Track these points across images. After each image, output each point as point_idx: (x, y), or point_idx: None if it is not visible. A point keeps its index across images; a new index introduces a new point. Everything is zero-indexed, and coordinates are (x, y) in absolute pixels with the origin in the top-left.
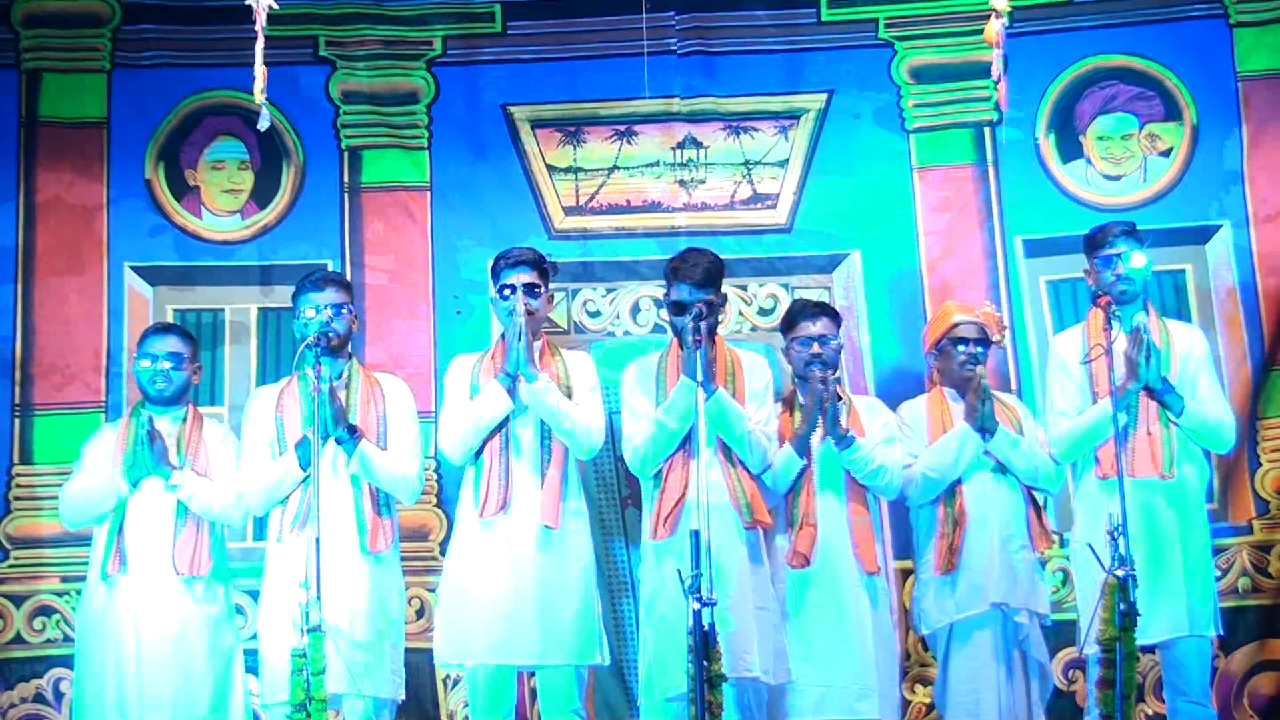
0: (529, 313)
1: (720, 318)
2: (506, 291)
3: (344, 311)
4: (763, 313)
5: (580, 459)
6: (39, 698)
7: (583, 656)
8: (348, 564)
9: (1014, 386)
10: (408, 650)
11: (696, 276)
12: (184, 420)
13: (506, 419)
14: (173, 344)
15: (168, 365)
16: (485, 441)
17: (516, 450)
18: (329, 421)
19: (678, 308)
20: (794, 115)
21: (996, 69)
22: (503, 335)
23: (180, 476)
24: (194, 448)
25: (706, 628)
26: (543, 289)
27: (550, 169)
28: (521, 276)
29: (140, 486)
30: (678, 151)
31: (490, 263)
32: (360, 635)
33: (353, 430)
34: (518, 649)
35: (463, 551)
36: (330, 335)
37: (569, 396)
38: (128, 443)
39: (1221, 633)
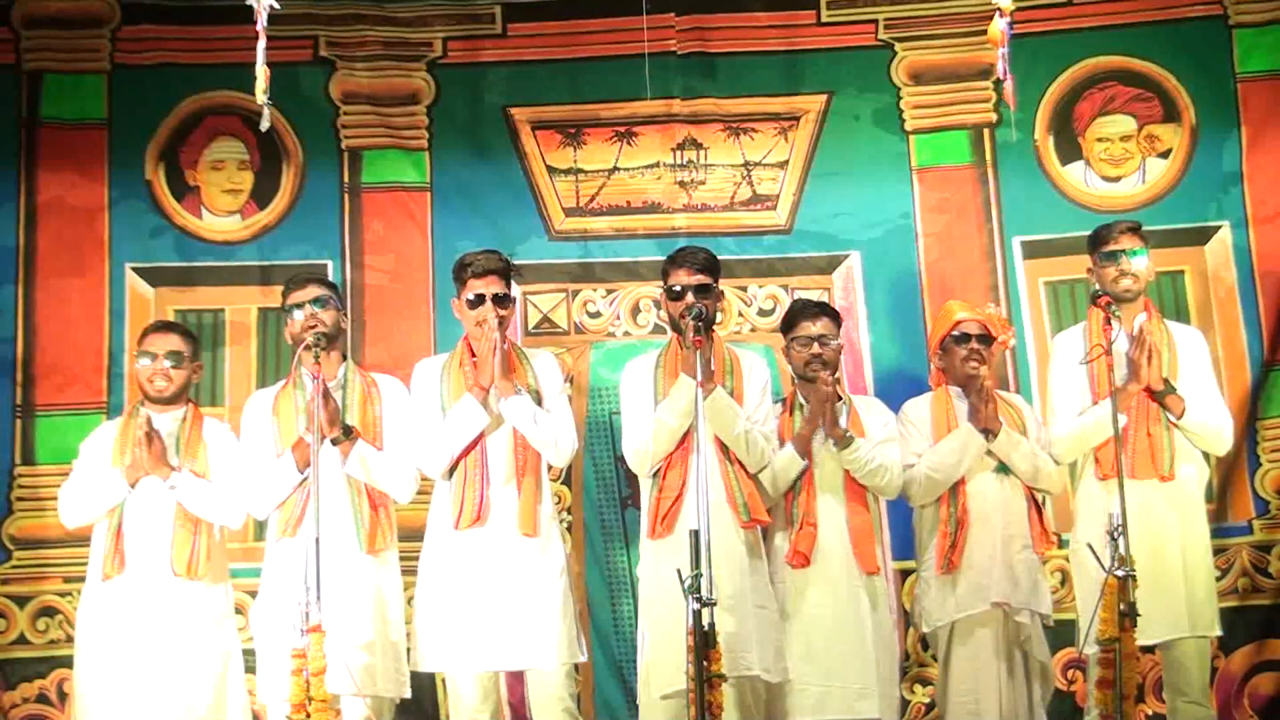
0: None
1: (718, 313)
2: (475, 301)
3: (329, 305)
4: (763, 314)
5: (557, 466)
6: (42, 698)
7: (569, 656)
8: (345, 564)
9: (1013, 387)
10: (406, 650)
11: (696, 261)
12: (184, 420)
13: (481, 431)
14: (173, 342)
15: (168, 364)
16: (461, 455)
17: (491, 462)
18: (323, 423)
19: (675, 293)
20: (794, 116)
21: (1001, 68)
22: (466, 340)
23: (179, 478)
24: (193, 448)
25: (706, 628)
26: (510, 296)
27: (550, 170)
28: (491, 286)
29: (139, 487)
30: (678, 153)
31: (454, 267)
32: (359, 635)
33: (348, 431)
34: (498, 654)
35: (438, 562)
36: (320, 329)
37: (539, 402)
38: (127, 443)
39: (1221, 633)
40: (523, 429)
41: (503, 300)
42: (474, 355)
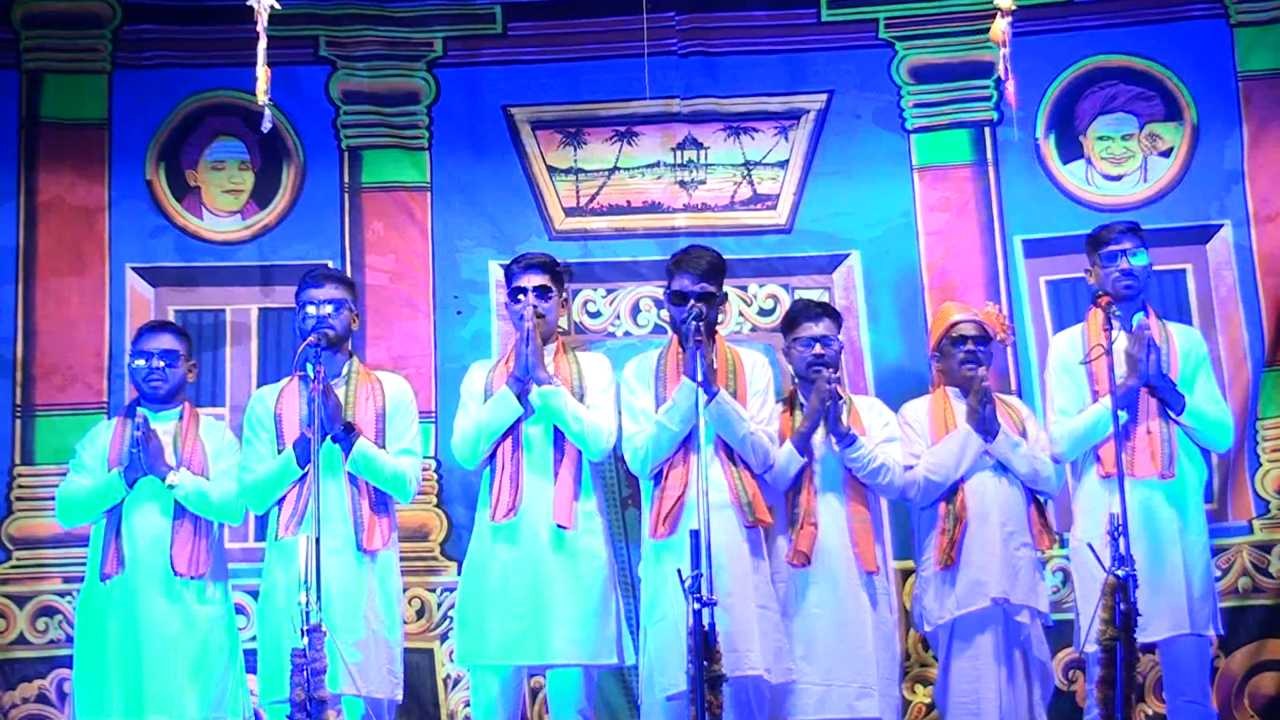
0: (539, 316)
1: (721, 316)
2: (519, 295)
3: (343, 309)
4: (763, 313)
5: (592, 460)
6: (42, 698)
7: (596, 656)
8: (342, 562)
9: (1014, 387)
10: (407, 650)
11: (700, 268)
12: (180, 419)
13: (518, 422)
14: (167, 342)
15: (162, 364)
16: (497, 445)
17: (528, 453)
18: (325, 419)
19: (679, 298)
20: (794, 116)
21: (1002, 68)
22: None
23: (177, 476)
24: (190, 446)
25: (706, 628)
26: (554, 292)
27: (551, 170)
28: (533, 279)
29: (137, 487)
30: (678, 152)
31: (504, 267)
32: (353, 633)
33: (349, 428)
34: (531, 649)
35: (479, 554)
36: (328, 331)
37: (582, 398)
38: (123, 443)
39: (1221, 632)
40: (552, 418)
41: (544, 293)
42: None
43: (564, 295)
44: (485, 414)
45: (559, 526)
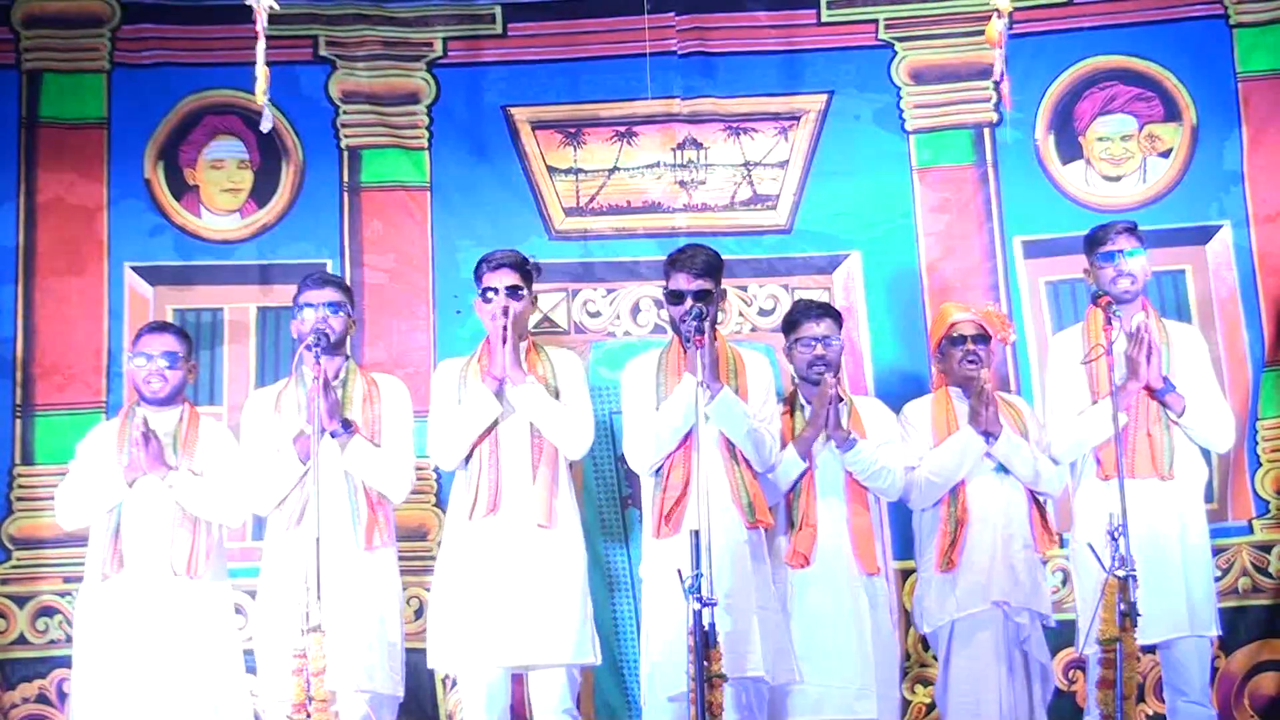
0: (513, 315)
1: (720, 314)
2: (489, 294)
3: (341, 311)
4: (763, 313)
5: (570, 459)
6: (42, 698)
7: (576, 656)
8: (342, 560)
9: (1014, 387)
10: (407, 650)
11: (696, 266)
12: (180, 419)
13: (495, 421)
14: (168, 343)
15: (164, 364)
16: (474, 445)
17: (506, 452)
18: (323, 415)
19: (675, 297)
20: (794, 116)
21: (998, 69)
22: (487, 339)
23: (177, 477)
24: (191, 447)
25: (706, 628)
26: (525, 290)
27: (551, 170)
28: (504, 278)
29: (136, 487)
30: (678, 152)
31: (474, 268)
32: (354, 631)
33: (347, 425)
34: (510, 650)
35: (454, 554)
36: (327, 333)
37: (556, 396)
38: (123, 443)
39: (1222, 633)
40: (532, 416)
41: (515, 292)
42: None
43: (534, 293)
44: (463, 415)
45: (540, 525)
